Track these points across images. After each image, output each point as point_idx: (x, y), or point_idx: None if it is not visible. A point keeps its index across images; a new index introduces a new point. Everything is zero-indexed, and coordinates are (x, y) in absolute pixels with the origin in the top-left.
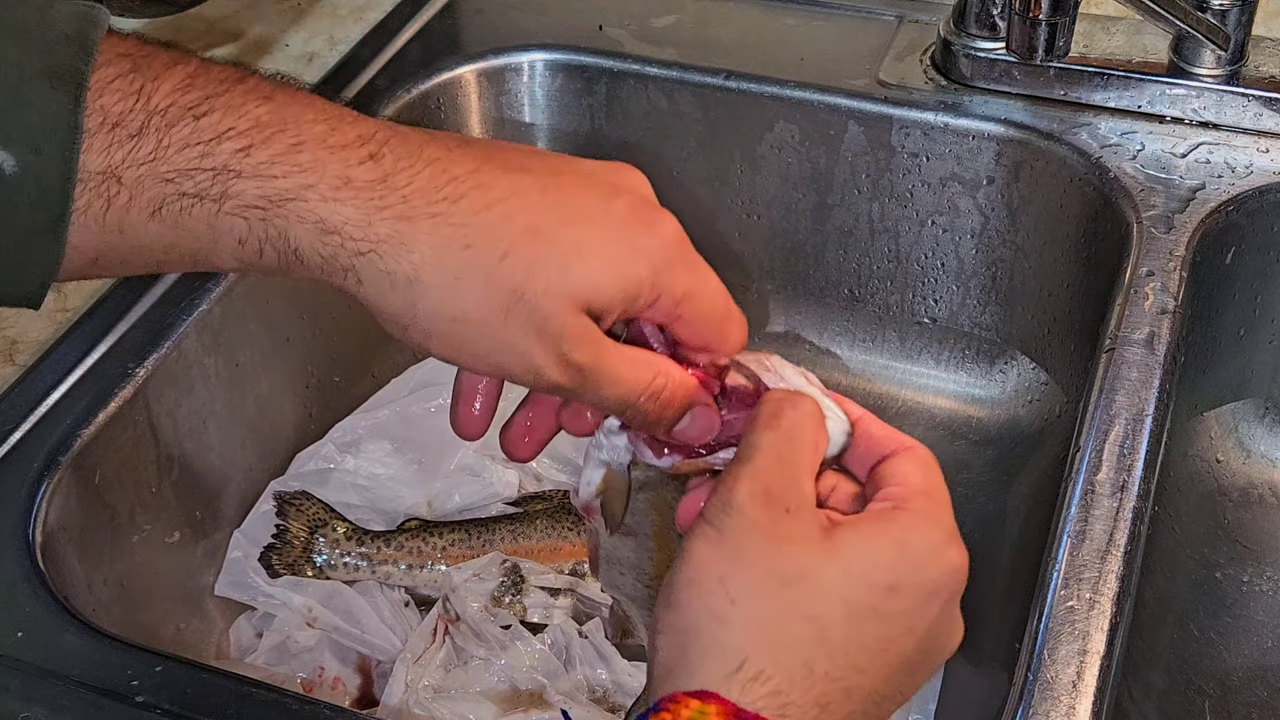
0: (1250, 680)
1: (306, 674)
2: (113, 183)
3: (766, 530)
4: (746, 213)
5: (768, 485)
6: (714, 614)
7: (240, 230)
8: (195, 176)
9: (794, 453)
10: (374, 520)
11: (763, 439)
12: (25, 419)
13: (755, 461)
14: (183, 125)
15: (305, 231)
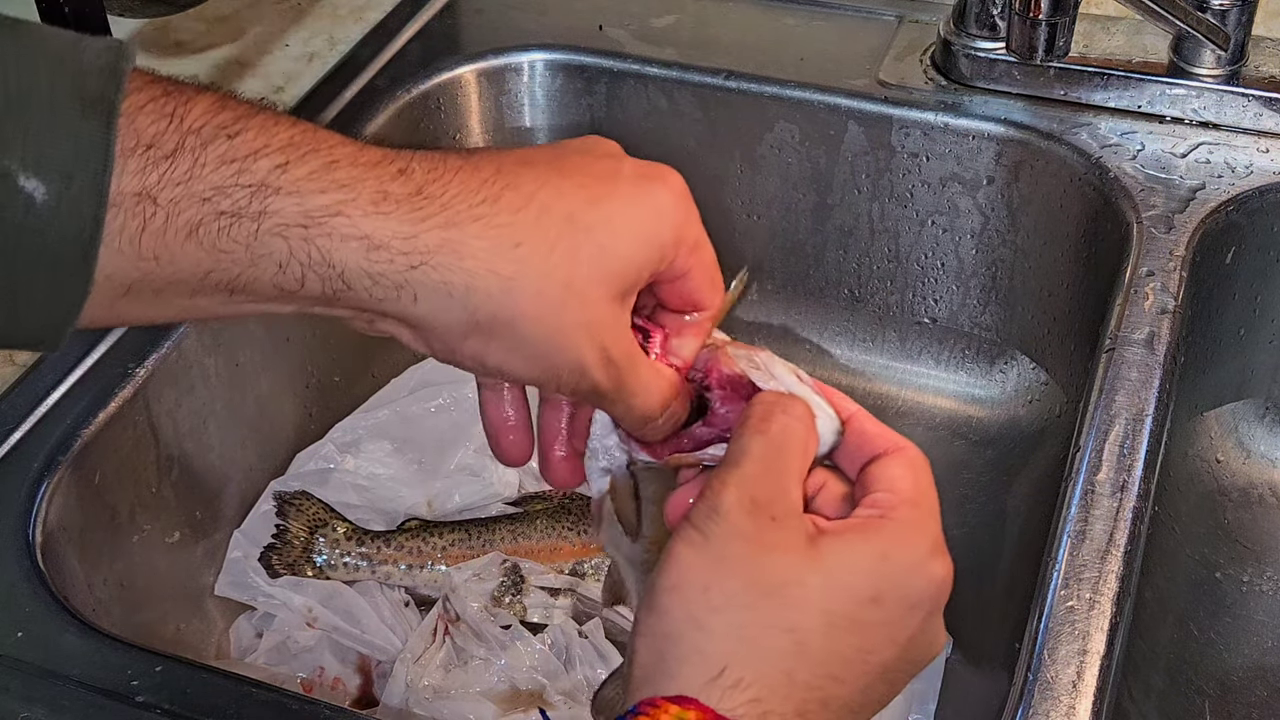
0: (1250, 680)
1: (306, 674)
2: (148, 204)
3: (751, 538)
4: (746, 213)
5: (754, 492)
6: (695, 620)
7: (281, 253)
8: (232, 194)
9: (783, 459)
10: (374, 520)
11: (752, 444)
12: (25, 419)
13: (744, 467)
14: (217, 144)
15: (350, 252)
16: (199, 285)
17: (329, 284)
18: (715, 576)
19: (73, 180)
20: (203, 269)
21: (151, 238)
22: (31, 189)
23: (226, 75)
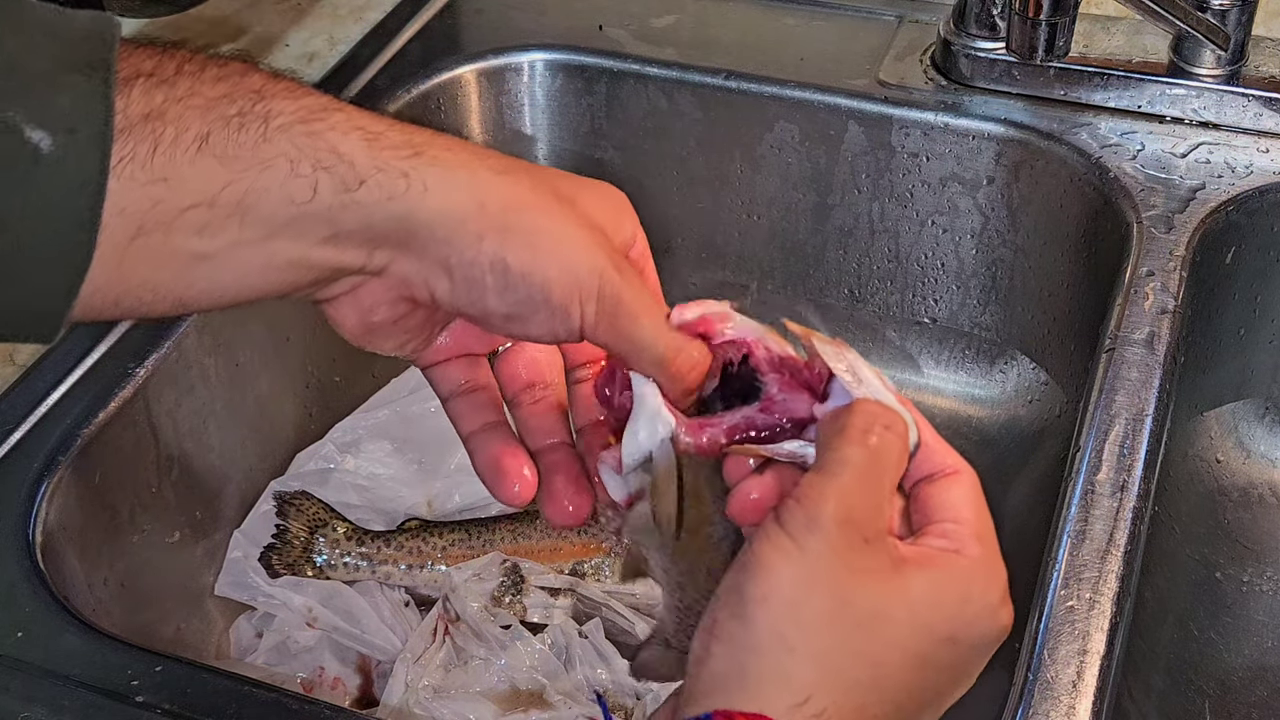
0: (1250, 680)
1: (306, 674)
2: (156, 123)
3: (844, 559)
4: (746, 213)
5: (851, 508)
6: (783, 640)
7: (289, 152)
8: (236, 100)
9: (880, 477)
10: (374, 520)
11: (853, 455)
12: (25, 419)
13: (843, 479)
14: (210, 68)
15: (354, 142)
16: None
17: (339, 180)
18: (807, 595)
19: (77, 131)
20: (215, 184)
21: (162, 156)
22: (38, 140)
23: None
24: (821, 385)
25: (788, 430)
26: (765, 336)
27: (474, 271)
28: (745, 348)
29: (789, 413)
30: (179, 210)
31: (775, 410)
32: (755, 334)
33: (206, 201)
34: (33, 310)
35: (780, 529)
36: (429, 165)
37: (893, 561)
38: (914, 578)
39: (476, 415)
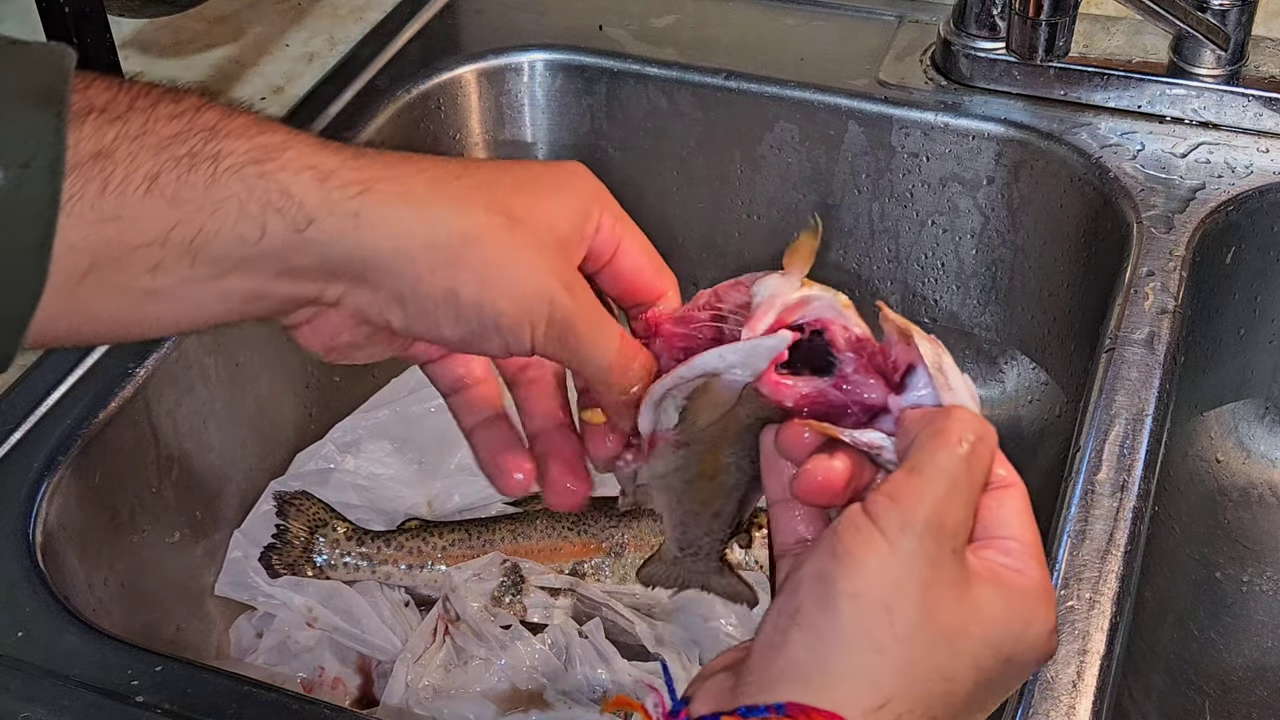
0: (1250, 680)
1: (306, 674)
2: (106, 161)
3: (935, 568)
4: (746, 213)
5: (945, 516)
6: (873, 641)
7: (240, 193)
8: (187, 140)
9: (971, 489)
10: (374, 520)
11: (948, 463)
12: (25, 419)
13: (939, 486)
14: (164, 104)
15: (305, 182)
16: (161, 249)
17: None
18: (898, 598)
19: (29, 165)
20: (165, 224)
21: (112, 196)
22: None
23: (226, 75)
24: (897, 375)
25: (855, 414)
26: (843, 315)
27: (427, 304)
28: (822, 325)
29: (860, 396)
30: (130, 249)
31: (848, 390)
32: (832, 312)
33: (158, 241)
34: None
35: (872, 524)
36: (379, 203)
37: (968, 575)
38: (986, 595)
39: (475, 411)
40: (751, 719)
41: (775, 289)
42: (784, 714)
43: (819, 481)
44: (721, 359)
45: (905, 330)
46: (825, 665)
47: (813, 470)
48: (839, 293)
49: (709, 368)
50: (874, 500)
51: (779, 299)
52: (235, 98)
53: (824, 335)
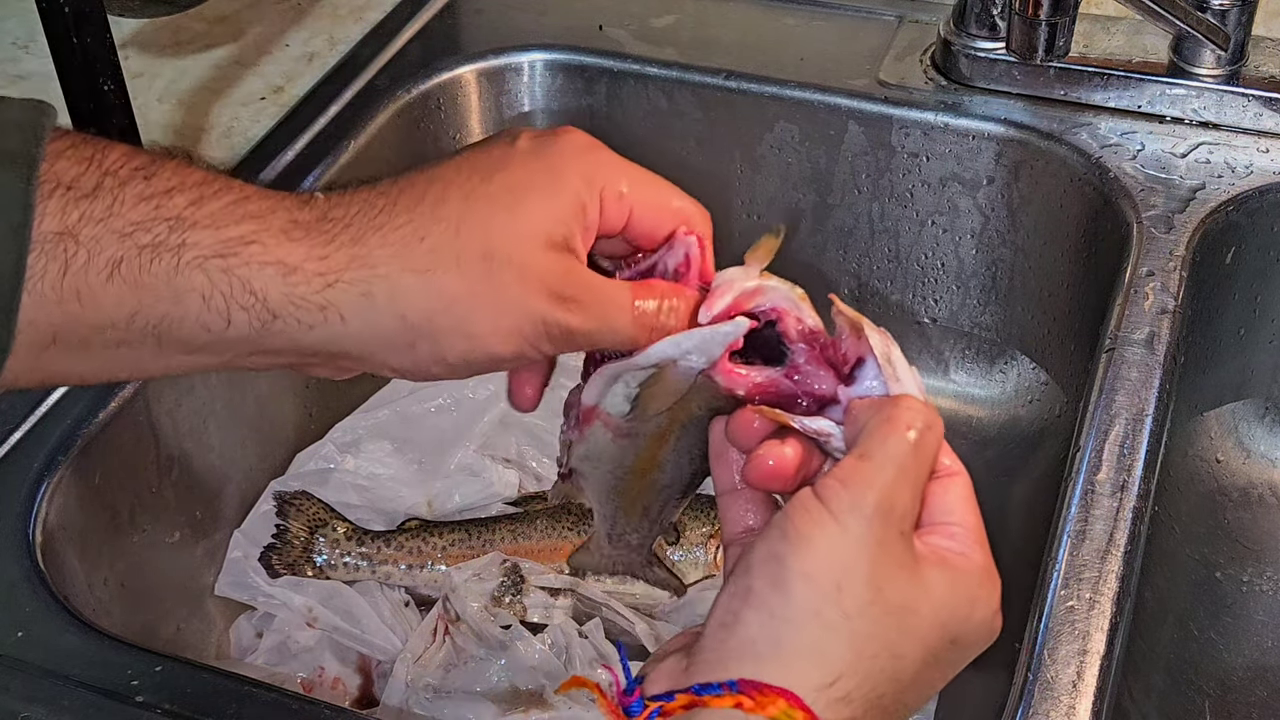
0: (1250, 680)
1: (306, 674)
2: (70, 242)
3: (883, 549)
4: (746, 213)
5: (894, 500)
6: (822, 619)
7: (203, 287)
8: (152, 229)
9: (919, 474)
10: (374, 520)
11: (897, 449)
12: (25, 419)
13: (887, 471)
14: (134, 183)
15: (268, 277)
16: (125, 330)
17: (255, 315)
18: (848, 577)
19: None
20: (127, 309)
21: (74, 277)
22: None
23: (226, 75)
24: (847, 367)
25: (805, 404)
26: (798, 306)
27: (418, 370)
28: (775, 315)
29: (811, 387)
30: (93, 328)
31: (799, 380)
32: (787, 303)
33: (121, 324)
34: None
35: (823, 507)
36: (345, 293)
37: (915, 558)
38: (933, 576)
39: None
40: (705, 696)
41: (732, 276)
42: (737, 690)
43: (769, 467)
44: (677, 346)
45: (856, 323)
46: (777, 642)
47: (764, 455)
48: (795, 285)
49: (664, 355)
50: (824, 484)
51: (736, 284)
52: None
53: (777, 325)
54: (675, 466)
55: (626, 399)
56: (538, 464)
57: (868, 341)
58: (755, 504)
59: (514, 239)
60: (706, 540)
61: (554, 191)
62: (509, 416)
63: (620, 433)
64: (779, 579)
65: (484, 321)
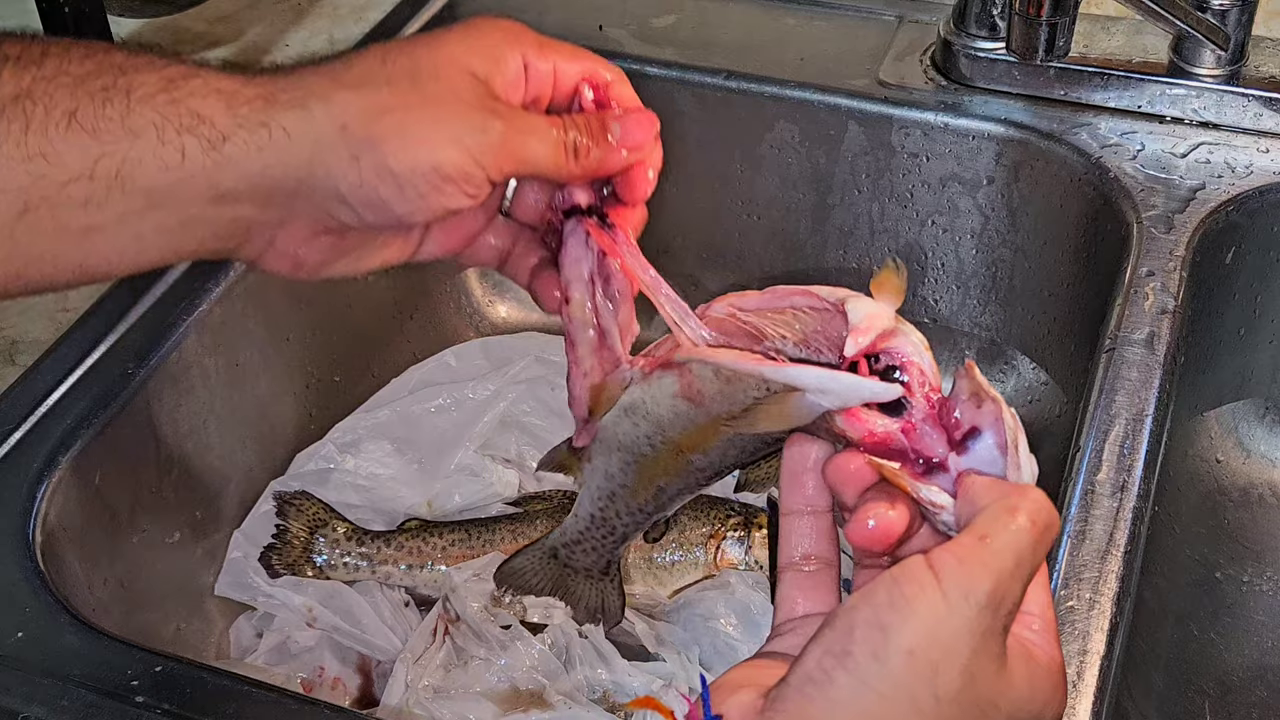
0: (1250, 680)
1: (306, 674)
2: (26, 102)
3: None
4: (746, 213)
5: (1006, 593)
6: (915, 699)
7: (155, 120)
8: (100, 77)
9: (1031, 572)
10: (374, 520)
11: (1018, 543)
12: (25, 419)
13: (1006, 562)
14: (76, 49)
15: (212, 103)
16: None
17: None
18: (946, 662)
19: None
20: (90, 157)
21: (35, 134)
22: None
23: None
24: (958, 433)
25: (911, 462)
26: (924, 358)
27: (365, 191)
28: (900, 361)
29: (923, 447)
30: (60, 185)
31: (913, 438)
32: (916, 354)
33: (85, 175)
34: None
35: (936, 584)
36: (284, 109)
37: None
38: (1018, 671)
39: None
40: None
41: (872, 312)
42: None
43: (870, 529)
44: (819, 381)
45: (990, 396)
46: (865, 712)
47: (868, 514)
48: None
49: (801, 383)
50: (941, 559)
51: (878, 323)
52: None
53: (900, 373)
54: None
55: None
56: (537, 464)
57: (994, 417)
58: (819, 533)
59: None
60: (706, 540)
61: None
62: (509, 417)
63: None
64: (880, 650)
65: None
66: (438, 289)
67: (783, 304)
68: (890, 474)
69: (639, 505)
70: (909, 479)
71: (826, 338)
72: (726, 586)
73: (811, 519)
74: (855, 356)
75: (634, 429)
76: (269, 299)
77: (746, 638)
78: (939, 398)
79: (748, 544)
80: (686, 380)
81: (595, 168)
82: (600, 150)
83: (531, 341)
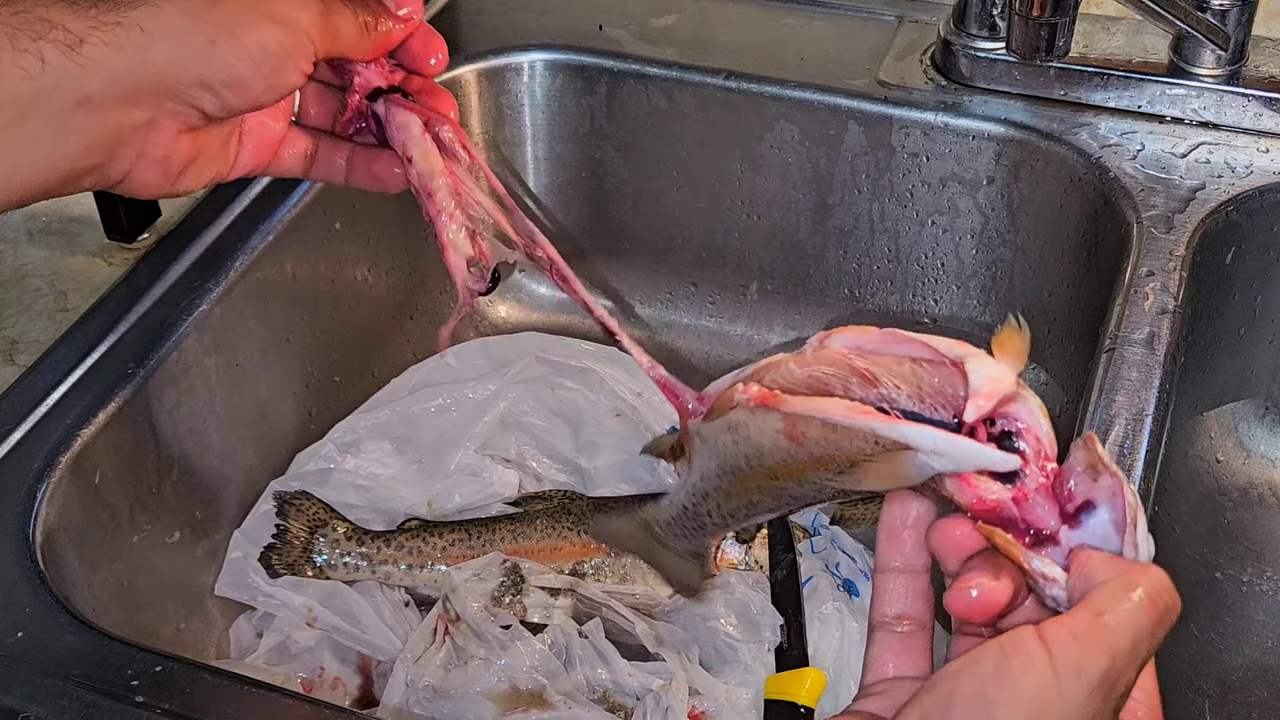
0: (1251, 680)
1: (306, 674)
2: None
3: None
4: (746, 213)
5: (1120, 675)
6: None
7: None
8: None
9: (1149, 652)
10: (374, 520)
11: (1138, 623)
12: (25, 419)
13: (1123, 641)
14: None
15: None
16: None
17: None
18: None
19: None
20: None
21: None
22: None
23: None
24: (1071, 506)
25: (1024, 535)
26: (1041, 425)
27: (221, 68)
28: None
29: (1035, 518)
30: None
31: (1025, 508)
32: (1035, 421)
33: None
34: None
35: (1048, 659)
36: (132, 8)
37: None
38: None
39: None
40: None
41: (995, 376)
42: None
43: (975, 599)
44: (933, 443)
45: (1109, 470)
46: None
47: (970, 583)
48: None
49: (914, 442)
50: (1055, 633)
51: (1000, 388)
52: None
53: (1016, 439)
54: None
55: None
56: (538, 464)
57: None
58: (915, 593)
59: None
60: None
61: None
62: (509, 417)
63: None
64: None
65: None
66: (438, 289)
67: (900, 350)
68: (1001, 542)
69: (730, 510)
70: (1020, 548)
71: (943, 395)
72: (727, 586)
73: (908, 578)
74: (975, 423)
75: (734, 446)
76: (269, 299)
77: (746, 637)
78: (1054, 468)
79: (748, 544)
80: (792, 424)
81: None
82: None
83: (531, 341)
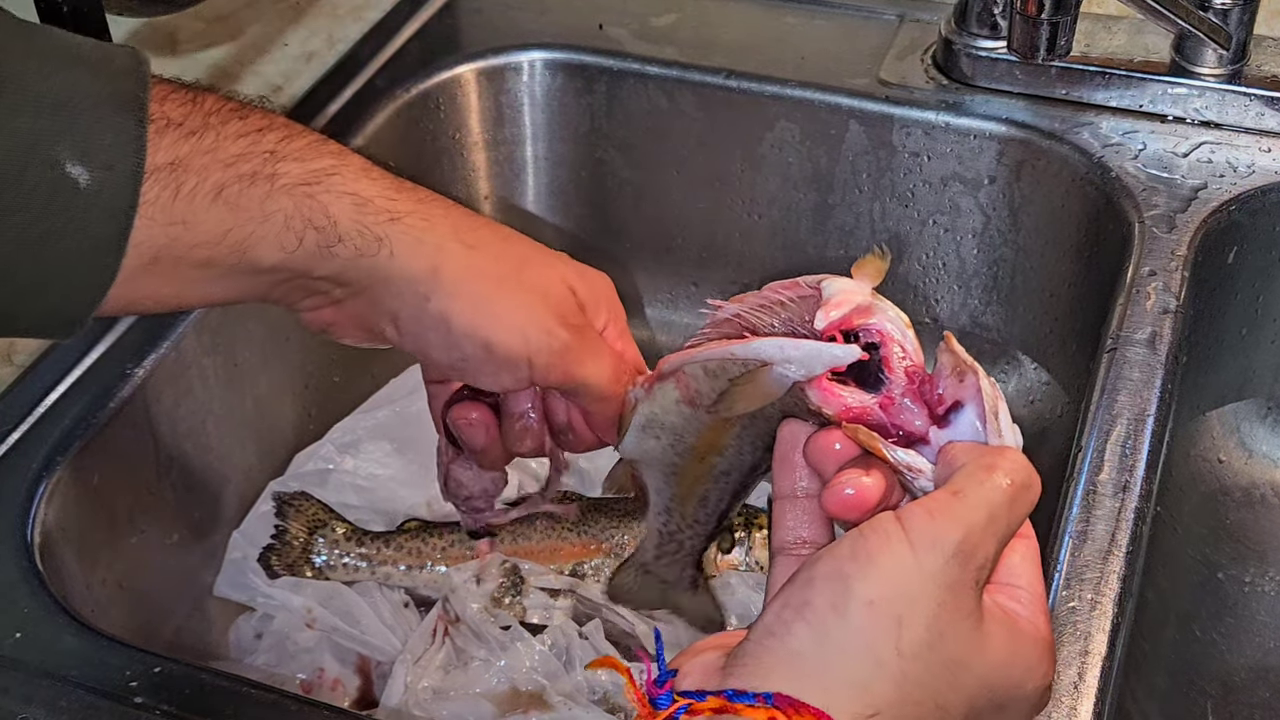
0: (1253, 681)
1: (306, 675)
2: (180, 172)
3: (954, 594)
4: (747, 212)
5: (977, 547)
6: (876, 651)
7: (287, 209)
8: (251, 159)
9: (1009, 528)
10: (374, 521)
11: (993, 498)
12: (25, 419)
13: (977, 515)
14: (232, 122)
15: (344, 206)
16: (214, 248)
17: (324, 235)
18: (910, 615)
19: (113, 168)
20: (223, 228)
21: (182, 202)
22: (77, 175)
23: (225, 75)
24: (942, 408)
25: (892, 438)
26: (904, 334)
27: (418, 326)
28: (879, 339)
29: (903, 421)
30: (189, 246)
31: (892, 412)
32: (895, 330)
33: (215, 242)
34: (60, 316)
35: (903, 534)
36: (402, 233)
37: (982, 611)
38: (996, 636)
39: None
40: (738, 703)
41: (847, 288)
42: (772, 704)
43: (847, 496)
44: (781, 350)
45: (969, 367)
46: (824, 665)
47: (844, 483)
48: (903, 312)
49: (765, 355)
50: (910, 511)
51: (850, 298)
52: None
53: (879, 349)
54: (736, 454)
55: (714, 390)
56: (537, 464)
57: (974, 388)
58: (812, 516)
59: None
60: None
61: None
62: None
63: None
64: (840, 600)
65: (500, 304)
66: None
67: (773, 297)
68: (865, 438)
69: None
70: (883, 442)
71: (804, 320)
72: (727, 587)
73: (804, 502)
74: (828, 330)
75: (657, 443)
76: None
77: None
78: (921, 374)
79: (748, 545)
80: (683, 384)
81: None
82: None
83: None
